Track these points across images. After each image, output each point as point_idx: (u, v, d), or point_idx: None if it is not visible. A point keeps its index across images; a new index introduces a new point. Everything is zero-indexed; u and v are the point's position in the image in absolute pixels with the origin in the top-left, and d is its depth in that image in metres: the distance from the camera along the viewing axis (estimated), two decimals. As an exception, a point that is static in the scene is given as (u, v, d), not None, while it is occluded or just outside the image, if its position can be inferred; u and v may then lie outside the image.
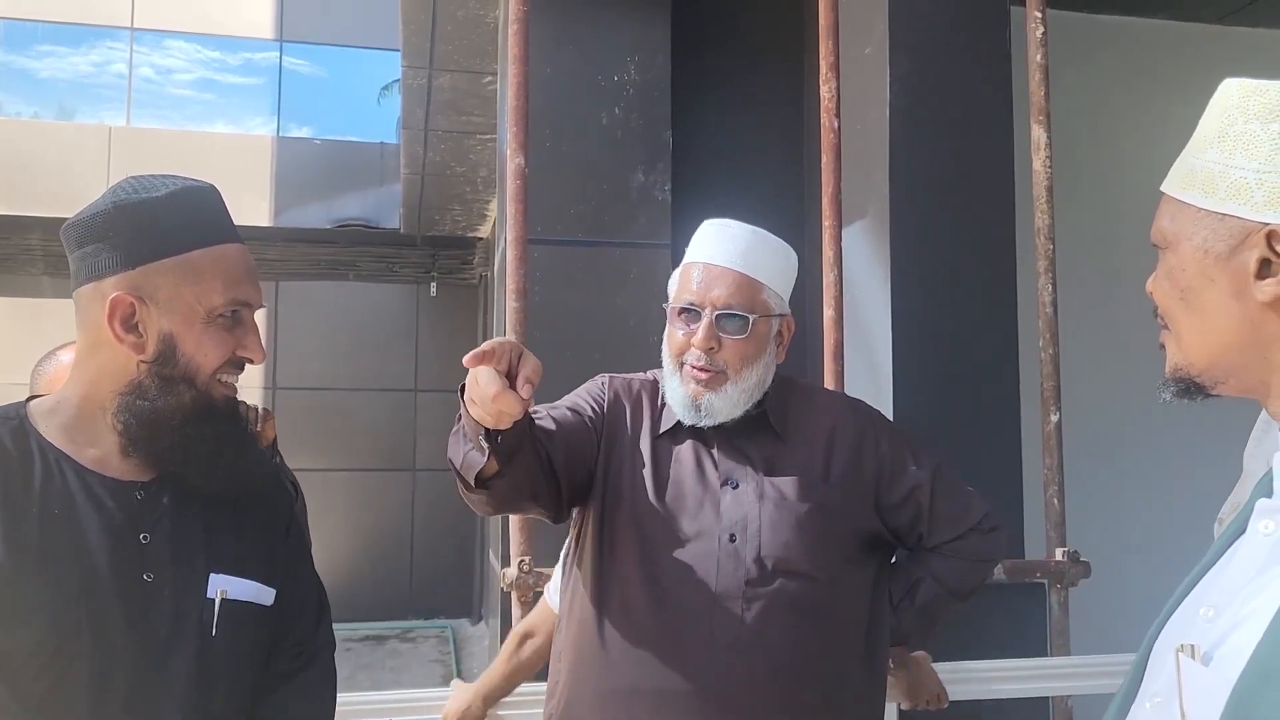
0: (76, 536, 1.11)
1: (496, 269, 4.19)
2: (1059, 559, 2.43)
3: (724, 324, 1.52)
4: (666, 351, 1.57)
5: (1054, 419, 2.47)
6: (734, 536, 1.48)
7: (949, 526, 1.59)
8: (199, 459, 1.16)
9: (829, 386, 2.30)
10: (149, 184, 1.16)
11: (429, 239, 8.67)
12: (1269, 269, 0.76)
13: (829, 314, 2.34)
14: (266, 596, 1.22)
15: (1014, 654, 2.61)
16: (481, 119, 5.57)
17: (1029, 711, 2.54)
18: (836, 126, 2.38)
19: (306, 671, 1.29)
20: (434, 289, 9.20)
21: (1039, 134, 2.52)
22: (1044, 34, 2.54)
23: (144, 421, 1.14)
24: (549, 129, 3.06)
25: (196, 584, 1.16)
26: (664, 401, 1.61)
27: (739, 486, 1.51)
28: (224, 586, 1.17)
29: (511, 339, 1.22)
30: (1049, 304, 2.49)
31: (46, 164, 8.06)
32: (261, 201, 8.39)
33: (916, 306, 2.73)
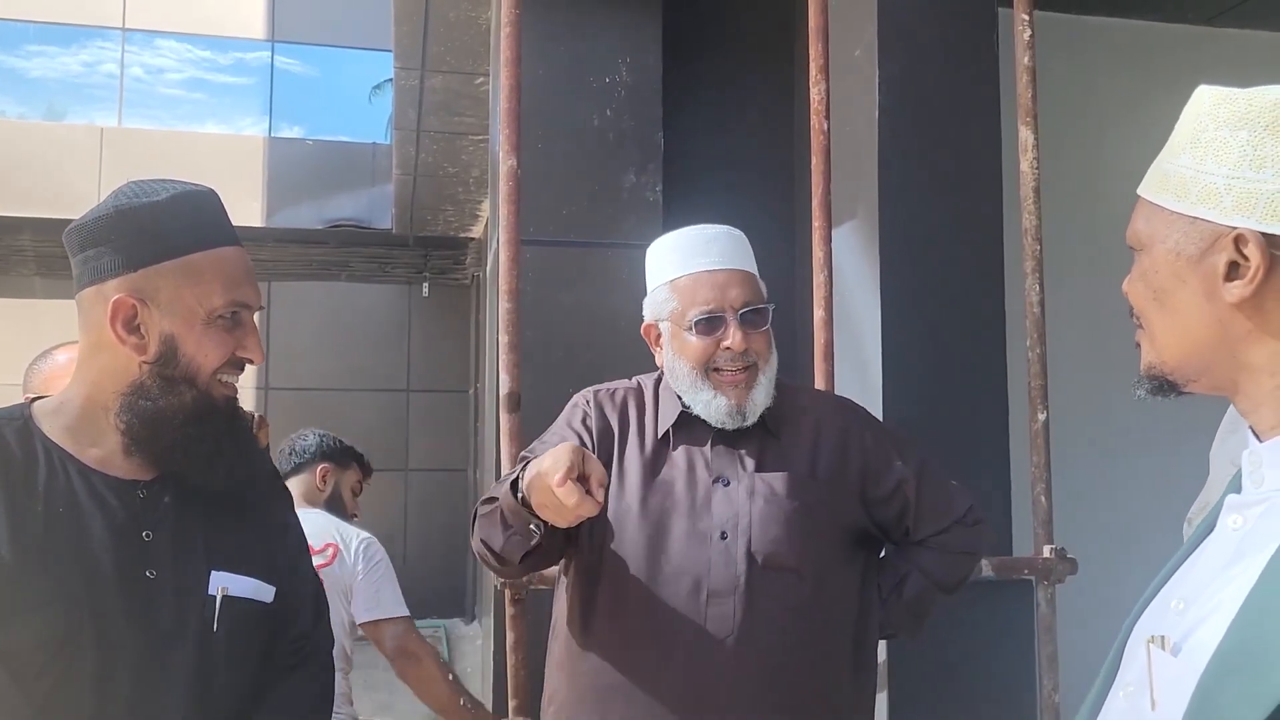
0: (80, 534, 1.13)
1: (489, 269, 4.20)
2: (1046, 556, 2.45)
3: (747, 321, 1.56)
4: (682, 364, 1.57)
5: (1041, 417, 2.49)
6: (725, 534, 1.50)
7: (934, 520, 1.62)
8: (200, 458, 1.18)
9: (819, 386, 2.32)
10: (150, 188, 1.18)
11: (421, 239, 8.67)
12: (1237, 271, 0.78)
13: (819, 314, 2.36)
14: (266, 594, 1.24)
15: (1001, 650, 2.64)
16: (473, 119, 5.58)
17: (1016, 702, 2.57)
18: (826, 128, 2.40)
19: (305, 667, 1.31)
20: (426, 289, 9.20)
21: (1026, 135, 2.55)
22: (1031, 36, 2.57)
23: (146, 421, 1.16)
24: (541, 131, 3.08)
25: (198, 581, 1.18)
26: (656, 406, 1.63)
27: (730, 484, 1.54)
28: (225, 584, 1.19)
29: (570, 447, 1.28)
30: (1036, 304, 2.52)
31: (38, 164, 8.05)
32: (253, 202, 8.39)
33: (906, 307, 2.76)
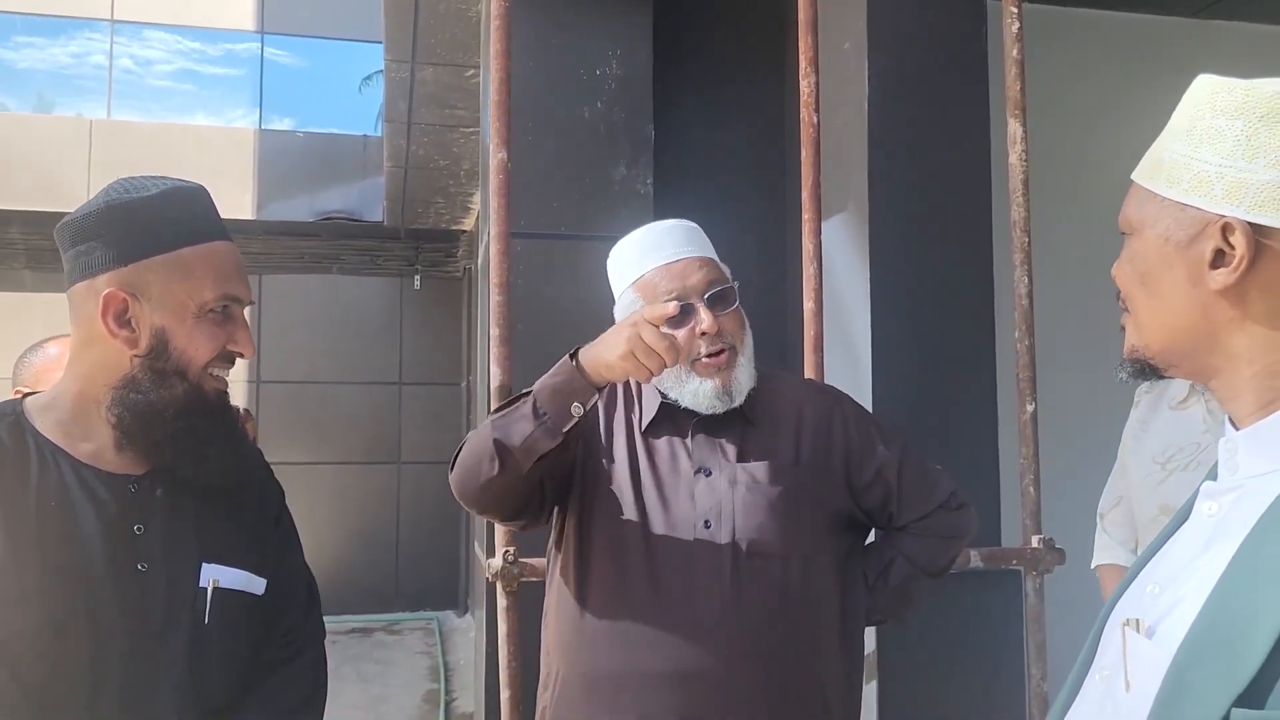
0: (72, 528, 1.14)
1: (480, 262, 4.21)
2: (1035, 546, 2.47)
3: (715, 303, 1.56)
4: None
5: (1030, 409, 2.51)
6: (709, 523, 1.52)
7: (918, 505, 1.63)
8: (191, 451, 1.19)
9: (810, 378, 2.33)
10: (140, 184, 1.19)
11: (412, 232, 8.66)
12: (1223, 259, 0.79)
13: (809, 306, 2.37)
14: (257, 586, 1.25)
15: (990, 639, 2.66)
16: (464, 112, 5.57)
17: (1005, 691, 2.59)
18: (816, 121, 2.41)
19: (297, 660, 1.32)
20: (418, 282, 9.19)
21: (1015, 128, 2.56)
22: (1019, 29, 2.58)
23: (137, 414, 1.17)
24: (531, 123, 3.08)
25: (189, 573, 1.19)
26: (639, 399, 1.65)
27: (711, 474, 1.55)
28: (216, 576, 1.20)
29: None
30: (1025, 295, 2.53)
31: (27, 157, 8.01)
32: (244, 194, 8.36)
33: (895, 298, 2.77)
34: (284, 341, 8.71)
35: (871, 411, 1.94)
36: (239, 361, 1.26)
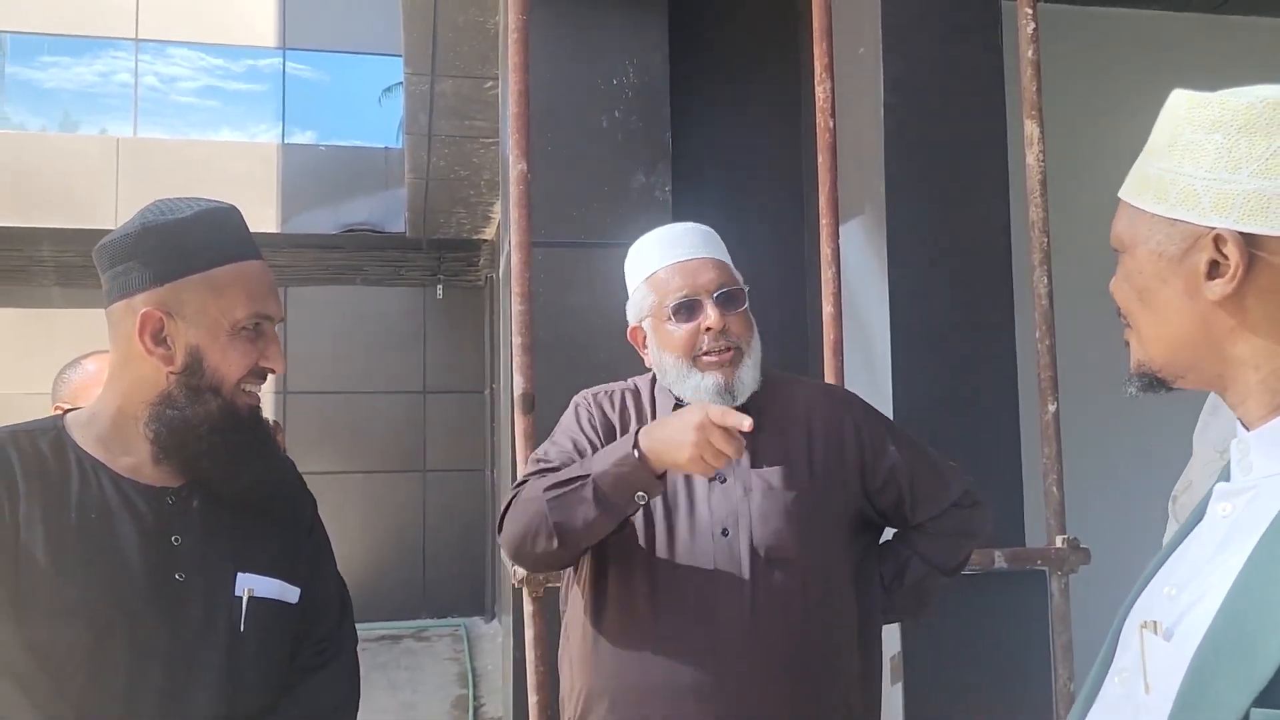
0: (112, 539, 1.17)
1: (501, 271, 4.24)
2: (1059, 546, 2.47)
3: (724, 303, 1.58)
4: (667, 356, 1.60)
5: (1052, 408, 2.51)
6: (726, 530, 1.52)
7: (931, 503, 1.64)
8: (225, 464, 1.22)
9: (829, 381, 2.34)
10: (175, 206, 1.22)
11: (434, 242, 8.72)
12: (1218, 270, 0.80)
13: (828, 310, 2.38)
14: (291, 595, 1.28)
15: (1016, 640, 2.66)
16: (484, 123, 5.62)
17: (1031, 691, 2.59)
18: (832, 126, 2.42)
19: (330, 666, 1.34)
20: (440, 291, 9.25)
21: (1032, 128, 2.56)
22: (1035, 30, 2.58)
23: (174, 429, 1.20)
24: (550, 133, 3.11)
25: (225, 583, 1.22)
26: (653, 405, 1.66)
27: (725, 481, 1.55)
28: (251, 585, 1.23)
29: (705, 406, 1.39)
30: (1045, 296, 2.53)
31: (55, 176, 8.13)
32: (268, 208, 8.45)
33: (914, 301, 2.78)
34: (309, 352, 8.79)
35: (891, 413, 1.95)
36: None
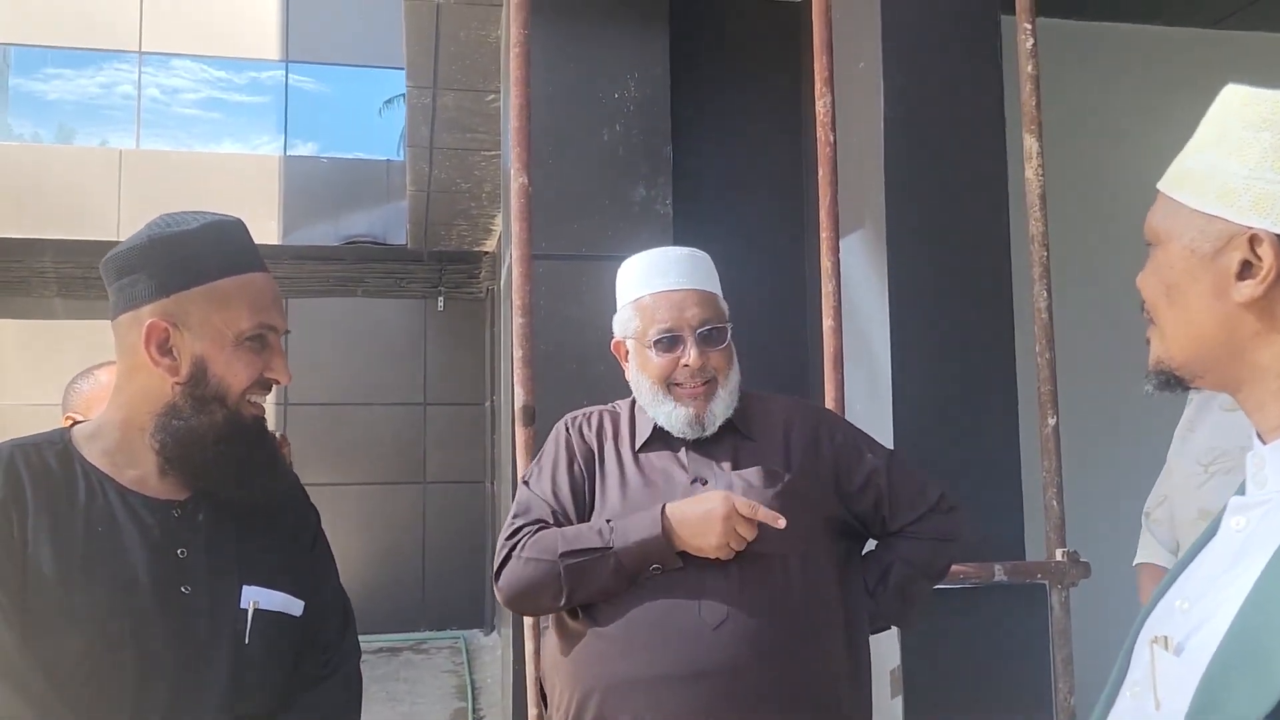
0: (118, 552, 1.18)
1: (502, 283, 4.25)
2: (1059, 559, 2.47)
3: (705, 340, 1.65)
4: (644, 380, 1.69)
5: (1052, 422, 2.52)
6: None
7: (909, 509, 1.70)
8: (230, 475, 1.23)
9: (830, 394, 2.36)
10: (181, 219, 1.24)
11: (435, 254, 8.74)
12: (1250, 271, 0.79)
13: (828, 323, 2.39)
14: (295, 607, 1.29)
15: (1016, 654, 2.66)
16: (485, 136, 5.64)
17: (1032, 705, 2.59)
18: (832, 139, 2.44)
19: (333, 678, 1.35)
20: (441, 303, 9.27)
21: (1031, 143, 2.58)
22: (1034, 45, 2.60)
23: (179, 440, 1.21)
24: (551, 147, 3.12)
25: (231, 595, 1.23)
26: (633, 424, 1.73)
27: (708, 483, 1.62)
28: (256, 598, 1.24)
29: (725, 495, 1.53)
30: (1044, 309, 2.54)
31: (58, 187, 8.15)
32: (270, 220, 8.47)
33: (914, 314, 2.78)
34: (311, 364, 8.79)
35: (891, 426, 1.98)
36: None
